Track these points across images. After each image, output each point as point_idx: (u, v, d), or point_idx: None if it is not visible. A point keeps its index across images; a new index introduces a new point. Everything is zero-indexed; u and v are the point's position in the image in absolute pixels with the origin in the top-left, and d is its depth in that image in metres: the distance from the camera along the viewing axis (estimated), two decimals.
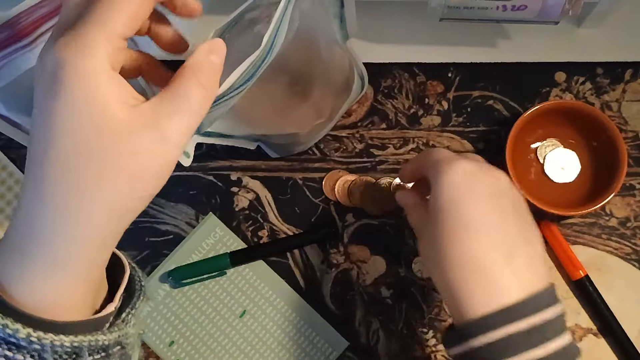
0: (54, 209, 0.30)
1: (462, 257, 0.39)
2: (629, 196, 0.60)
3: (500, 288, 0.38)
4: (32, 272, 0.31)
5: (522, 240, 0.40)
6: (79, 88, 0.28)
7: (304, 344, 0.59)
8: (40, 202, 0.30)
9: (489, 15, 0.53)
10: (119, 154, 0.29)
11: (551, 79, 0.62)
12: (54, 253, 0.30)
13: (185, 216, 0.62)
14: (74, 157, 0.29)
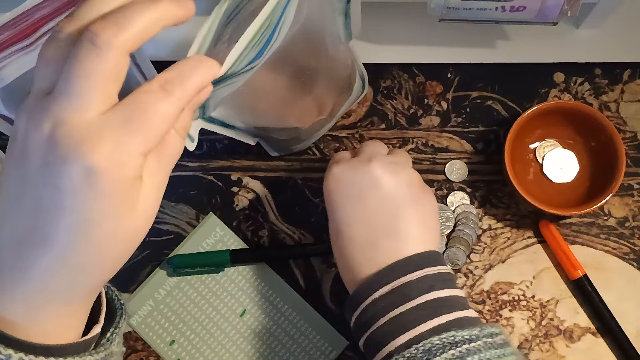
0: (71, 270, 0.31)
1: (337, 254, 0.49)
2: (627, 196, 0.60)
3: (363, 270, 0.46)
4: (25, 304, 0.32)
5: (384, 228, 0.46)
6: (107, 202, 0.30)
7: (304, 343, 0.59)
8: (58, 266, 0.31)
9: (488, 16, 0.53)
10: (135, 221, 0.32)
11: (550, 79, 0.62)
12: (63, 299, 0.32)
13: (185, 216, 0.62)
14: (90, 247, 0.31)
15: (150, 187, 0.32)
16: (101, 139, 0.29)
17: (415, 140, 0.62)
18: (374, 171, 0.48)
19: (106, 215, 0.30)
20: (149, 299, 0.60)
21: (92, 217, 0.30)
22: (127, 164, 0.29)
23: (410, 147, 0.62)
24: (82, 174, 0.28)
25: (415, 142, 0.62)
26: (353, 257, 0.47)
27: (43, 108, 0.29)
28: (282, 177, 0.62)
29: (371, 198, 0.47)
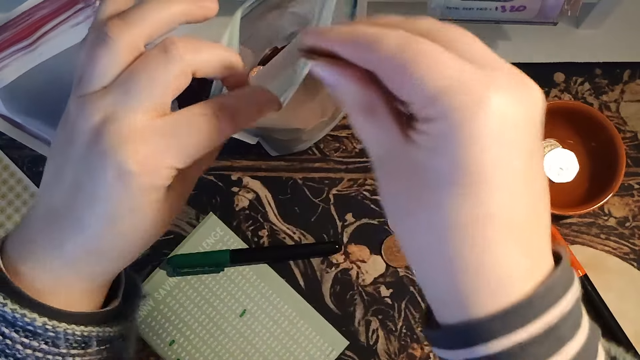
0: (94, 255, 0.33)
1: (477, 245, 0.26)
2: (627, 196, 0.60)
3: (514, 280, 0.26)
4: (62, 287, 0.33)
5: (546, 214, 0.28)
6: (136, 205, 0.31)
7: (303, 343, 0.59)
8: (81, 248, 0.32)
9: (488, 15, 0.53)
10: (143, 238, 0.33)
11: (550, 79, 0.62)
12: (85, 277, 0.34)
13: (185, 216, 0.62)
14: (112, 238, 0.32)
15: (177, 194, 0.33)
16: (141, 145, 0.30)
17: None
18: (543, 100, 0.29)
19: (132, 212, 0.31)
20: (148, 299, 0.60)
21: (120, 213, 0.31)
22: (160, 174, 0.30)
23: None
24: (116, 173, 0.30)
25: None
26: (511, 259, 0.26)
27: (98, 99, 0.30)
28: (282, 177, 0.62)
29: (538, 159, 0.28)
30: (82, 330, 0.33)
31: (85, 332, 0.34)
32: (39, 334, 0.32)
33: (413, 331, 0.59)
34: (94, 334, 0.34)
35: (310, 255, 0.61)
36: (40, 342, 0.32)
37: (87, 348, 0.34)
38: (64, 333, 0.33)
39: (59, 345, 0.33)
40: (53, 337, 0.32)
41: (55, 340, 0.32)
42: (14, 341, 0.32)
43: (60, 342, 0.33)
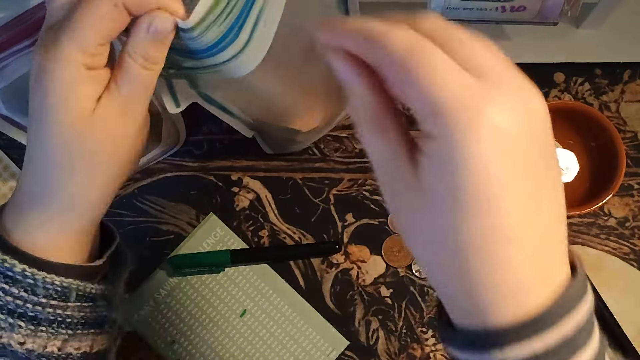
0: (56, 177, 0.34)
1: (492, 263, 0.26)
2: (627, 196, 0.60)
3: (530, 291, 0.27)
4: (34, 222, 0.34)
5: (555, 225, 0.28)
6: (55, 93, 0.32)
7: (304, 343, 0.59)
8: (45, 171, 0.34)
9: (488, 16, 0.53)
10: (93, 142, 0.34)
11: (550, 79, 0.62)
12: (55, 208, 0.34)
13: (185, 216, 0.62)
14: (60, 146, 0.33)
15: (108, 107, 0.33)
16: (45, 39, 0.32)
17: None
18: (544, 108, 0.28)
19: (59, 109, 0.32)
20: (149, 299, 0.60)
21: (47, 111, 0.32)
22: (62, 56, 0.31)
23: None
24: (36, 71, 0.32)
25: None
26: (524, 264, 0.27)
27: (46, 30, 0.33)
28: (282, 177, 0.62)
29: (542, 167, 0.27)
30: (61, 281, 0.34)
31: (65, 283, 0.34)
32: (18, 280, 0.33)
33: (413, 331, 0.59)
34: (73, 287, 0.35)
35: (310, 255, 0.61)
36: (20, 289, 0.33)
37: (66, 301, 0.34)
38: (42, 281, 0.33)
39: (38, 293, 0.33)
40: (32, 285, 0.33)
41: (33, 287, 0.33)
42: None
43: (38, 289, 0.33)
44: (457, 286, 0.27)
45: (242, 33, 0.37)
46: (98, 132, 0.33)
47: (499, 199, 0.25)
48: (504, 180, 0.25)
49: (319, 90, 0.52)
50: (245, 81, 0.42)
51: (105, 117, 0.33)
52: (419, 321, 0.59)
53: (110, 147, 0.34)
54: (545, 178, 0.27)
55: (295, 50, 0.45)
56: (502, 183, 0.25)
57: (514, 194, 0.25)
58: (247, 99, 0.49)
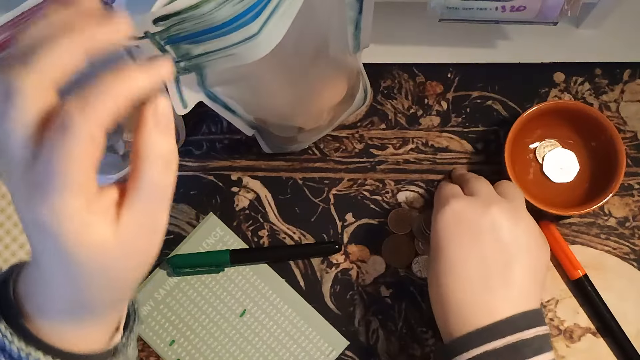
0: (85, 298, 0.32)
1: (445, 292, 0.46)
2: (627, 196, 0.60)
3: (477, 314, 0.45)
4: (59, 323, 0.33)
5: (499, 274, 0.45)
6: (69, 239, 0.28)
7: (303, 343, 0.59)
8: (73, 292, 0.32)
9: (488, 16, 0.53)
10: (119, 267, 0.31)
11: (550, 79, 0.62)
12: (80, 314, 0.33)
13: (185, 216, 0.62)
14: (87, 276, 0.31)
15: (131, 224, 0.30)
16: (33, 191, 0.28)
17: (415, 140, 0.62)
18: (495, 216, 0.46)
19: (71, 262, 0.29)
20: (149, 299, 0.60)
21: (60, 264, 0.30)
22: (67, 216, 0.28)
23: (410, 147, 0.62)
24: (34, 226, 0.29)
25: (415, 142, 0.62)
26: (464, 299, 0.45)
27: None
28: (282, 177, 0.62)
29: (488, 241, 0.46)
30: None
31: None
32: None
33: (413, 331, 0.59)
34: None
35: (310, 255, 0.61)
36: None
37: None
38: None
39: None
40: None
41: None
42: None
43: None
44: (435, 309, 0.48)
45: (260, 16, 0.37)
46: (123, 254, 0.30)
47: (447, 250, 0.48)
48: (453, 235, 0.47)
49: (324, 90, 0.52)
50: (255, 74, 0.42)
51: (130, 234, 0.30)
52: (418, 321, 0.59)
53: (138, 261, 0.32)
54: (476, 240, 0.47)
55: (306, 49, 0.45)
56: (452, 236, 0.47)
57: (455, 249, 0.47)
58: (254, 94, 0.49)
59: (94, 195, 0.29)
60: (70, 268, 0.30)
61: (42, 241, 0.29)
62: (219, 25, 0.36)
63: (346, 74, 0.53)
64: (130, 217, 0.30)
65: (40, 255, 0.31)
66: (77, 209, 0.28)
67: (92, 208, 0.28)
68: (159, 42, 0.37)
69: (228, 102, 0.50)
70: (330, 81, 0.52)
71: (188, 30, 0.36)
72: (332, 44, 0.48)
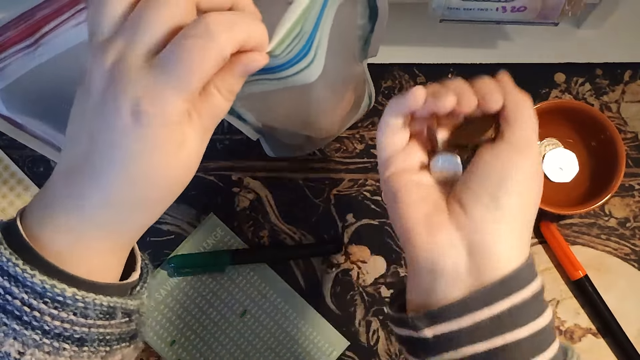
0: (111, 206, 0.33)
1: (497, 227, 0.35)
2: (628, 197, 0.60)
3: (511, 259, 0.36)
4: (82, 247, 0.33)
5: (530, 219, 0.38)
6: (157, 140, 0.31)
7: (304, 343, 0.59)
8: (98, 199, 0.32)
9: (489, 16, 0.53)
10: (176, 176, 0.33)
11: (551, 79, 0.62)
12: (104, 235, 0.34)
13: (186, 216, 0.62)
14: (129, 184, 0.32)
15: (193, 140, 0.33)
16: (147, 82, 0.30)
17: None
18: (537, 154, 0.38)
19: (147, 154, 0.31)
20: (149, 299, 0.60)
21: (134, 155, 0.31)
22: (169, 110, 0.30)
23: None
24: (130, 113, 0.30)
25: None
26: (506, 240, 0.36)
27: (108, 43, 0.31)
28: (282, 178, 0.62)
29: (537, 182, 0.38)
30: (108, 301, 0.33)
31: (112, 303, 0.34)
32: (68, 304, 0.32)
33: None
34: (118, 305, 0.34)
35: (310, 255, 0.61)
36: (69, 312, 0.32)
37: (111, 319, 0.34)
38: (92, 303, 0.33)
39: (88, 315, 0.32)
40: (82, 308, 0.32)
41: (83, 310, 0.32)
42: (43, 313, 0.31)
43: (89, 311, 0.33)
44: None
45: (313, 46, 0.39)
46: (183, 166, 0.33)
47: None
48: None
49: (340, 100, 0.52)
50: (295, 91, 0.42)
51: (191, 150, 0.33)
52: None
53: (186, 177, 0.34)
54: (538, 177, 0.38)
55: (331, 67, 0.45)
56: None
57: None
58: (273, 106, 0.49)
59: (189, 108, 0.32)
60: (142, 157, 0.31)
61: (128, 126, 0.30)
62: (286, 62, 0.38)
63: (354, 83, 0.54)
64: (193, 134, 0.33)
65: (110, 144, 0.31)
66: (181, 110, 0.31)
67: (187, 116, 0.32)
68: None
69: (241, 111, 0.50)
70: (344, 91, 0.53)
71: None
72: (344, 58, 0.48)
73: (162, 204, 0.34)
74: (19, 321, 0.31)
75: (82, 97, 0.32)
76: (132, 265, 0.38)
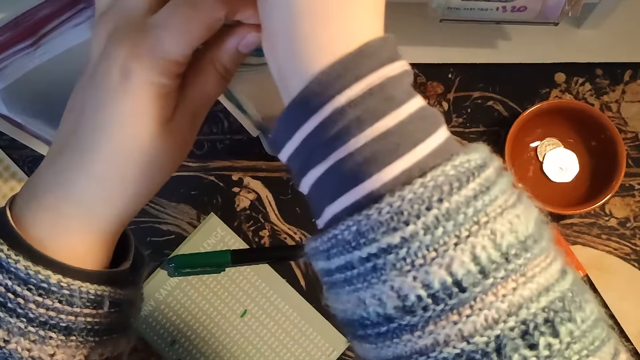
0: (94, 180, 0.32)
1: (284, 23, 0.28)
2: (628, 196, 0.60)
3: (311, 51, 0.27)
4: (66, 229, 0.32)
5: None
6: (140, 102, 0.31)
7: (304, 343, 0.59)
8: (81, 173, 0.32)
9: (489, 16, 0.53)
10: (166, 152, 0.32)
11: (551, 79, 0.62)
12: (88, 214, 0.33)
13: (186, 216, 0.62)
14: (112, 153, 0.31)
15: (181, 118, 0.32)
16: (137, 42, 0.30)
17: None
18: None
19: (134, 117, 0.31)
20: (150, 299, 0.60)
21: (122, 118, 0.31)
22: (157, 68, 0.30)
23: None
24: (119, 72, 0.30)
25: None
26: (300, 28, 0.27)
27: (104, 15, 0.32)
28: (283, 177, 0.62)
29: None
30: (95, 289, 0.32)
31: (99, 291, 0.33)
32: (53, 291, 0.31)
33: None
34: (106, 294, 0.33)
35: None
36: (54, 300, 0.31)
37: (99, 308, 0.33)
38: (78, 291, 0.32)
39: (74, 303, 0.32)
40: (67, 295, 0.31)
41: (69, 298, 0.31)
42: (27, 300, 0.31)
43: (75, 299, 0.32)
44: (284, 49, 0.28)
45: None
46: (171, 142, 0.32)
47: None
48: None
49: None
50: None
51: (181, 125, 0.33)
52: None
53: (179, 155, 0.34)
54: None
55: None
56: None
57: None
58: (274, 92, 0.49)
59: (182, 68, 0.31)
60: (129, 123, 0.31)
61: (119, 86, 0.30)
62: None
63: None
64: (184, 109, 0.33)
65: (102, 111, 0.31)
66: (169, 71, 0.31)
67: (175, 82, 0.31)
68: None
69: (242, 100, 0.50)
70: None
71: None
72: None
73: (148, 185, 0.33)
74: (3, 308, 0.30)
75: (80, 79, 0.32)
76: (126, 256, 0.37)
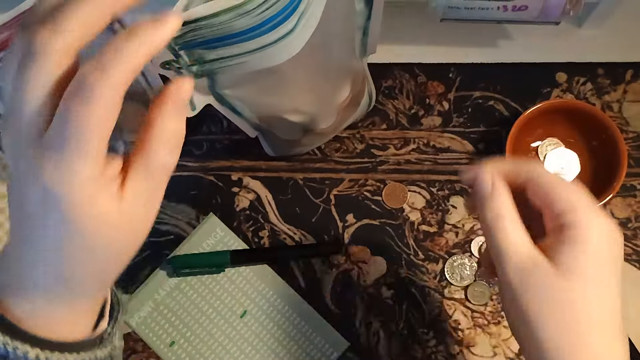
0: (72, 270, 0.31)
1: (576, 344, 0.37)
2: (629, 197, 0.60)
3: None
4: (45, 305, 0.32)
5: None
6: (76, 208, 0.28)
7: (304, 344, 0.59)
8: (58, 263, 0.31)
9: (490, 15, 0.53)
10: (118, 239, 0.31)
11: (552, 79, 0.62)
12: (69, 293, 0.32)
13: (185, 216, 0.62)
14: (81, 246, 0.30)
15: (136, 199, 0.31)
16: (45, 158, 0.27)
17: (417, 141, 0.62)
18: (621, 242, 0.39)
19: (76, 233, 0.29)
20: (148, 299, 0.60)
21: (63, 237, 0.29)
22: (78, 184, 0.28)
23: (411, 147, 0.62)
24: (39, 200, 0.28)
25: (417, 143, 0.62)
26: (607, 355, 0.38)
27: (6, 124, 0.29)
28: (282, 178, 0.62)
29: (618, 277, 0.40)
30: (75, 358, 0.32)
31: (79, 359, 0.33)
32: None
33: (414, 332, 0.59)
34: (87, 358, 0.33)
35: (311, 256, 0.61)
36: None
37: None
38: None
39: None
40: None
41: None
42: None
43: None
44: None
45: (292, 16, 0.38)
46: (123, 228, 0.31)
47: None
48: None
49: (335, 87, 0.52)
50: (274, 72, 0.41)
51: (132, 209, 0.30)
52: (420, 322, 0.59)
53: (135, 237, 0.32)
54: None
55: (320, 55, 0.45)
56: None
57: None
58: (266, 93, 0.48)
59: (104, 165, 0.29)
60: (73, 240, 0.29)
61: (46, 214, 0.28)
62: (236, 33, 0.36)
63: (351, 76, 0.53)
64: (134, 192, 0.30)
65: (38, 230, 0.29)
66: (89, 177, 0.28)
67: (101, 178, 0.28)
68: (173, 47, 0.37)
69: (235, 103, 0.50)
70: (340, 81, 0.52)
71: (204, 37, 0.36)
72: (341, 46, 0.48)
73: (113, 268, 0.33)
74: None
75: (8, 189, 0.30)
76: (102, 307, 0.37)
